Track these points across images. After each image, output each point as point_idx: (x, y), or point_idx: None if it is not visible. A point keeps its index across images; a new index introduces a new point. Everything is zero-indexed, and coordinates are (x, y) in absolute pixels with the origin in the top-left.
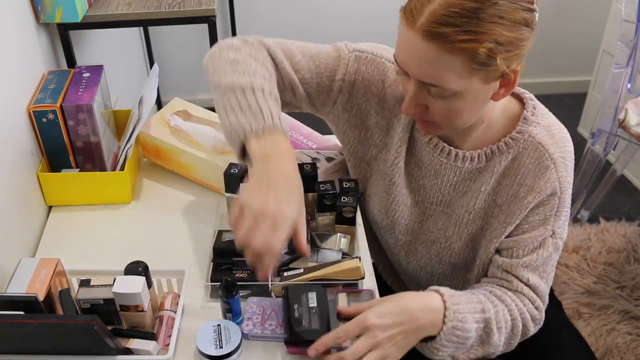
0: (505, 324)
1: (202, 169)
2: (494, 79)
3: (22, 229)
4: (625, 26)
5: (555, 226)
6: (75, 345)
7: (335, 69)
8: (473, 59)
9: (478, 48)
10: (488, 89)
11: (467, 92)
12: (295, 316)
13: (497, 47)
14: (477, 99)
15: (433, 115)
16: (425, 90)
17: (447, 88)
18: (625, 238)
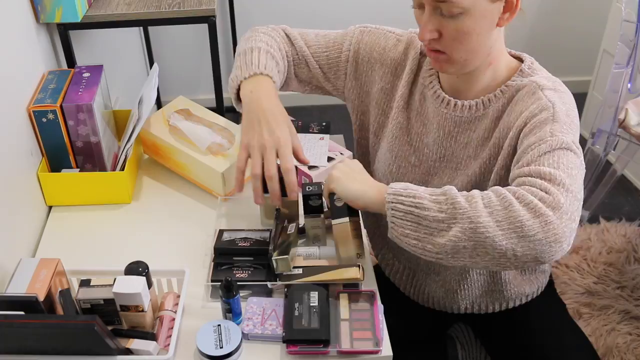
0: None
1: (195, 169)
2: None
3: (22, 229)
4: (626, 26)
5: (555, 128)
6: (75, 346)
7: (342, 42)
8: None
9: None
10: (493, 10)
11: (475, 8)
12: (295, 315)
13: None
14: (484, 19)
15: (445, 41)
16: (438, 14)
17: (456, 3)
18: (625, 238)
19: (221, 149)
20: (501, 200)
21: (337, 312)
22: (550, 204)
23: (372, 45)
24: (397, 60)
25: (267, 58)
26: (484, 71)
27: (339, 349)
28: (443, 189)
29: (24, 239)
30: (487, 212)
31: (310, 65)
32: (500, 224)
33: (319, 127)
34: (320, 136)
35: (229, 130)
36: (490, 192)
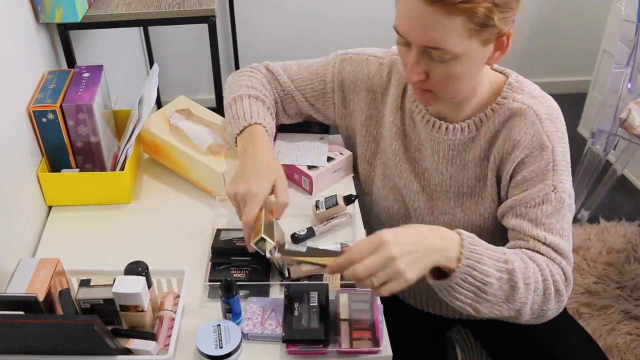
0: (536, 283)
1: (196, 169)
2: (491, 41)
3: (22, 229)
4: (626, 26)
5: (555, 180)
6: (75, 346)
7: (325, 72)
8: (472, 20)
9: (477, 8)
10: (485, 52)
11: (467, 54)
12: (295, 314)
13: (493, 7)
14: (475, 62)
15: (433, 82)
16: (426, 57)
17: (448, 50)
18: (625, 238)
19: (222, 149)
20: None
21: (337, 312)
22: (566, 284)
23: (356, 73)
24: (381, 85)
25: (253, 104)
26: (469, 99)
27: (338, 349)
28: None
29: (23, 239)
30: (532, 298)
31: (297, 99)
32: (542, 312)
33: (319, 127)
34: (320, 136)
35: None
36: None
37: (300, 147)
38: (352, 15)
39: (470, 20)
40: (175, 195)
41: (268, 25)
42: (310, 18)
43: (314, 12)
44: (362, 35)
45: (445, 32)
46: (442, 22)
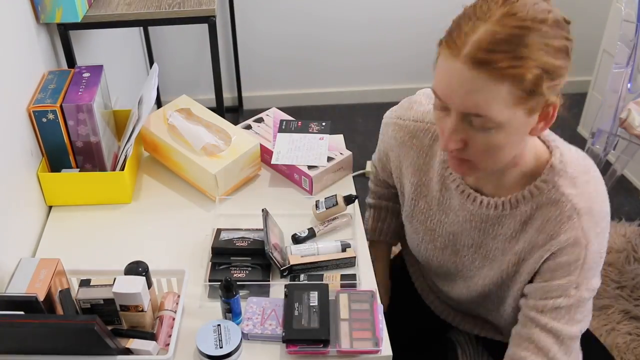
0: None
1: (191, 169)
2: (537, 111)
3: (22, 229)
4: (625, 26)
5: (581, 278)
6: (75, 345)
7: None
8: (520, 86)
9: (525, 74)
10: (529, 122)
11: (510, 124)
12: (295, 315)
13: (542, 73)
14: (517, 133)
15: (471, 152)
16: (467, 123)
17: (492, 118)
18: (625, 238)
19: (216, 150)
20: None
21: (337, 312)
22: None
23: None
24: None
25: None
26: (510, 171)
27: (338, 348)
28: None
29: (24, 239)
30: None
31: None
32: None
33: (319, 127)
34: (320, 136)
35: (227, 131)
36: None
37: (300, 147)
38: (352, 16)
39: (517, 87)
40: (175, 195)
41: (268, 25)
42: (310, 18)
43: (314, 12)
44: (363, 36)
45: (489, 99)
46: (487, 88)
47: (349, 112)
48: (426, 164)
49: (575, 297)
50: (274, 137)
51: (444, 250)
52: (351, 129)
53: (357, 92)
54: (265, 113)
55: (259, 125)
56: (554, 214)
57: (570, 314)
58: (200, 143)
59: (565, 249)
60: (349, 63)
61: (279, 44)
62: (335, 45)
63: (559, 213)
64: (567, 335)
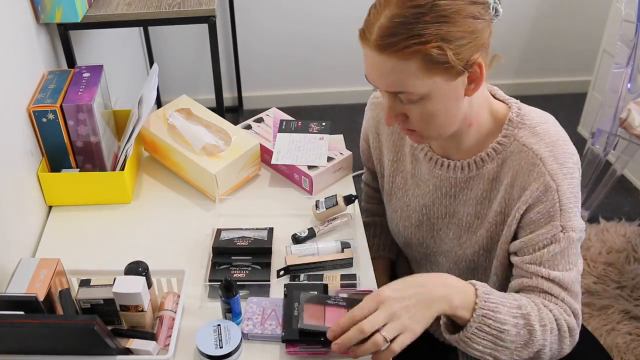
0: (551, 324)
1: (191, 169)
2: (457, 75)
3: (22, 229)
4: (625, 26)
5: (564, 220)
6: (75, 345)
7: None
8: (427, 60)
9: (427, 49)
10: (456, 86)
11: (434, 92)
12: (294, 314)
13: (445, 44)
14: (448, 98)
15: (413, 123)
16: (397, 100)
17: (412, 92)
18: (625, 238)
19: (216, 150)
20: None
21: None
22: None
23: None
24: (372, 129)
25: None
26: (467, 131)
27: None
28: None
29: (24, 238)
30: (550, 339)
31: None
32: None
33: (319, 127)
34: (320, 136)
35: (227, 131)
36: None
37: (300, 147)
38: (352, 16)
39: (423, 61)
40: (175, 195)
41: (268, 25)
42: (310, 18)
43: (314, 12)
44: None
45: (403, 77)
46: (397, 68)
47: (349, 112)
48: (401, 139)
49: (564, 239)
50: (274, 137)
51: (420, 226)
52: (351, 129)
53: (357, 92)
54: (265, 113)
55: (259, 125)
56: (519, 165)
57: (565, 258)
58: (200, 143)
59: (539, 198)
60: (349, 63)
61: (279, 43)
62: (335, 45)
63: (524, 163)
64: (569, 281)
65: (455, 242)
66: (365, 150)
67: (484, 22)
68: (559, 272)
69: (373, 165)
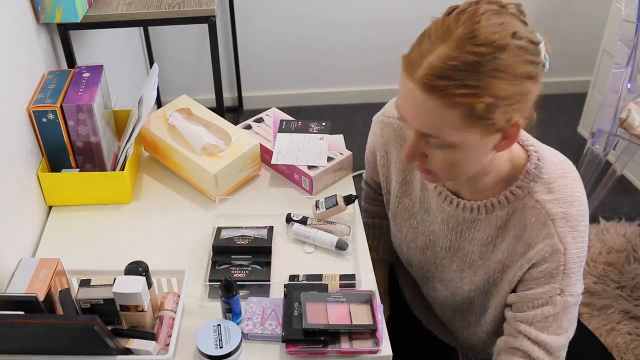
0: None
1: (191, 169)
2: (493, 132)
3: (22, 229)
4: (625, 26)
5: (564, 284)
6: (75, 345)
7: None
8: (471, 113)
9: (476, 103)
10: (488, 142)
11: (466, 144)
12: (295, 315)
13: (496, 101)
14: (476, 151)
15: (432, 165)
16: (424, 140)
17: (444, 139)
18: (625, 238)
19: (216, 150)
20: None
21: None
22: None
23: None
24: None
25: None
26: (483, 177)
27: (338, 349)
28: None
29: (24, 238)
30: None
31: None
32: None
33: (319, 127)
34: (320, 136)
35: (227, 131)
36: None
37: (300, 147)
38: (352, 16)
39: (469, 114)
40: (175, 195)
41: (268, 25)
42: (310, 18)
43: (314, 12)
44: (363, 36)
45: (440, 122)
46: (438, 112)
47: (349, 112)
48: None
49: (560, 303)
50: (274, 137)
51: (424, 250)
52: (351, 129)
53: (357, 92)
54: (265, 113)
55: (259, 125)
56: (530, 221)
57: (557, 322)
58: (200, 143)
59: (544, 258)
60: (349, 63)
61: (279, 44)
62: (335, 45)
63: (534, 220)
64: (556, 346)
65: (457, 275)
66: (371, 163)
67: (535, 84)
68: (547, 335)
69: (377, 177)
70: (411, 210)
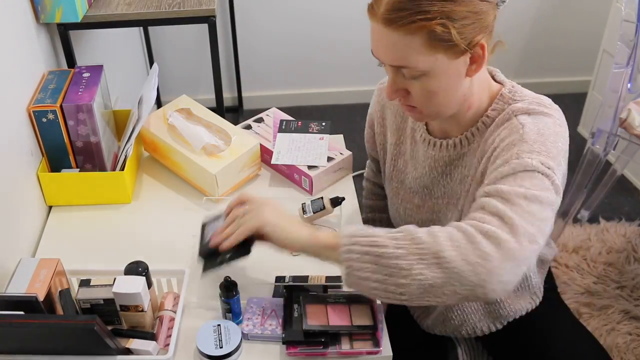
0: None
1: (191, 169)
2: (459, 54)
3: (22, 229)
4: (626, 26)
5: (521, 150)
6: (75, 345)
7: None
8: (431, 37)
9: (432, 26)
10: (457, 65)
11: (436, 69)
12: (295, 316)
13: (449, 22)
14: (448, 77)
15: (414, 99)
16: (400, 75)
17: (415, 67)
18: (625, 238)
19: (216, 150)
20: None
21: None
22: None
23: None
24: (378, 113)
25: None
26: (465, 112)
27: (338, 350)
28: (400, 228)
29: (24, 238)
30: (450, 246)
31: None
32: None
33: (319, 127)
34: (320, 136)
35: (227, 131)
36: (447, 228)
37: (300, 147)
38: (352, 16)
39: (427, 38)
40: (175, 195)
41: (268, 25)
42: (310, 18)
43: (314, 11)
44: (363, 36)
45: (406, 52)
46: (402, 42)
47: (349, 112)
48: (403, 121)
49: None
50: (274, 137)
51: (421, 208)
52: (351, 129)
53: (357, 92)
54: (265, 113)
55: (259, 125)
56: (496, 123)
57: (517, 180)
58: (200, 143)
59: (505, 139)
60: (349, 63)
61: (279, 43)
62: (335, 45)
63: (500, 119)
64: (512, 193)
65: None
66: (370, 138)
67: (488, 5)
68: (504, 187)
69: (377, 153)
70: (404, 171)
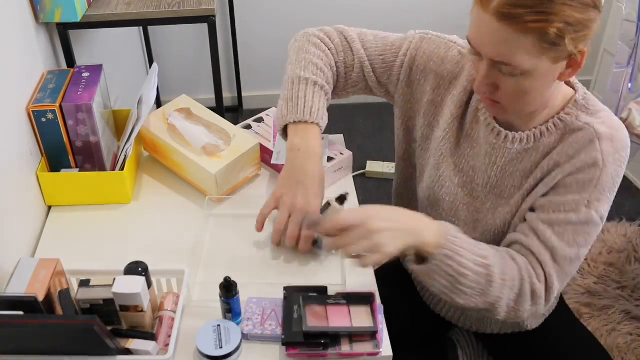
0: (512, 281)
1: (191, 169)
2: (562, 59)
3: (22, 229)
4: (626, 26)
5: (593, 197)
6: (75, 346)
7: (400, 45)
8: (543, 39)
9: (548, 28)
10: (556, 69)
11: (537, 71)
12: (295, 317)
13: (566, 27)
14: (545, 79)
15: (502, 96)
16: (496, 70)
17: (518, 66)
18: (625, 238)
19: (216, 150)
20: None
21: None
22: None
23: (430, 54)
24: (453, 73)
25: (316, 96)
26: (541, 111)
27: (339, 351)
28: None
29: (23, 238)
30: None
31: (365, 71)
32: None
33: None
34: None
35: (227, 131)
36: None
37: None
38: (352, 16)
39: (540, 39)
40: (175, 195)
41: (268, 25)
42: (310, 18)
43: (314, 12)
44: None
45: (514, 49)
46: (512, 39)
47: (349, 112)
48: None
49: (584, 215)
50: (274, 137)
51: (461, 188)
52: (351, 129)
53: None
54: (265, 113)
55: (259, 125)
56: (577, 138)
57: (575, 234)
58: (200, 143)
59: (583, 168)
60: None
61: (279, 43)
62: None
63: (582, 137)
64: (563, 255)
65: (490, 213)
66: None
67: (599, 14)
68: (560, 241)
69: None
70: (457, 147)
